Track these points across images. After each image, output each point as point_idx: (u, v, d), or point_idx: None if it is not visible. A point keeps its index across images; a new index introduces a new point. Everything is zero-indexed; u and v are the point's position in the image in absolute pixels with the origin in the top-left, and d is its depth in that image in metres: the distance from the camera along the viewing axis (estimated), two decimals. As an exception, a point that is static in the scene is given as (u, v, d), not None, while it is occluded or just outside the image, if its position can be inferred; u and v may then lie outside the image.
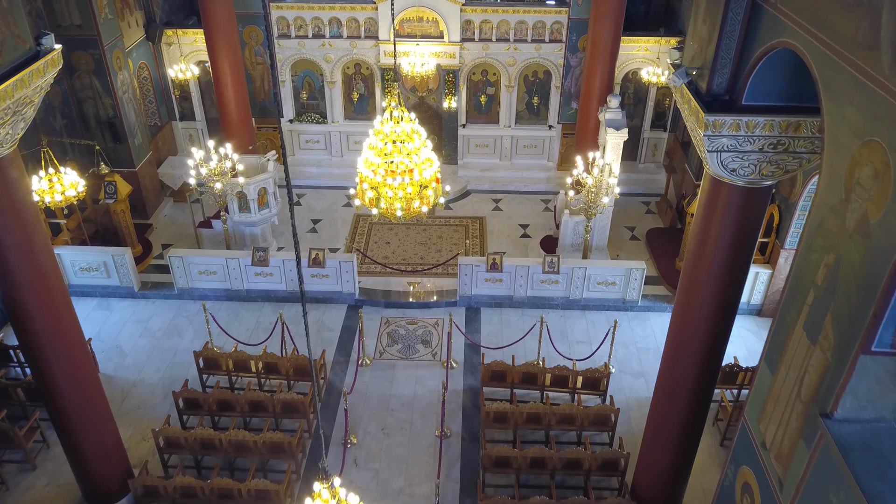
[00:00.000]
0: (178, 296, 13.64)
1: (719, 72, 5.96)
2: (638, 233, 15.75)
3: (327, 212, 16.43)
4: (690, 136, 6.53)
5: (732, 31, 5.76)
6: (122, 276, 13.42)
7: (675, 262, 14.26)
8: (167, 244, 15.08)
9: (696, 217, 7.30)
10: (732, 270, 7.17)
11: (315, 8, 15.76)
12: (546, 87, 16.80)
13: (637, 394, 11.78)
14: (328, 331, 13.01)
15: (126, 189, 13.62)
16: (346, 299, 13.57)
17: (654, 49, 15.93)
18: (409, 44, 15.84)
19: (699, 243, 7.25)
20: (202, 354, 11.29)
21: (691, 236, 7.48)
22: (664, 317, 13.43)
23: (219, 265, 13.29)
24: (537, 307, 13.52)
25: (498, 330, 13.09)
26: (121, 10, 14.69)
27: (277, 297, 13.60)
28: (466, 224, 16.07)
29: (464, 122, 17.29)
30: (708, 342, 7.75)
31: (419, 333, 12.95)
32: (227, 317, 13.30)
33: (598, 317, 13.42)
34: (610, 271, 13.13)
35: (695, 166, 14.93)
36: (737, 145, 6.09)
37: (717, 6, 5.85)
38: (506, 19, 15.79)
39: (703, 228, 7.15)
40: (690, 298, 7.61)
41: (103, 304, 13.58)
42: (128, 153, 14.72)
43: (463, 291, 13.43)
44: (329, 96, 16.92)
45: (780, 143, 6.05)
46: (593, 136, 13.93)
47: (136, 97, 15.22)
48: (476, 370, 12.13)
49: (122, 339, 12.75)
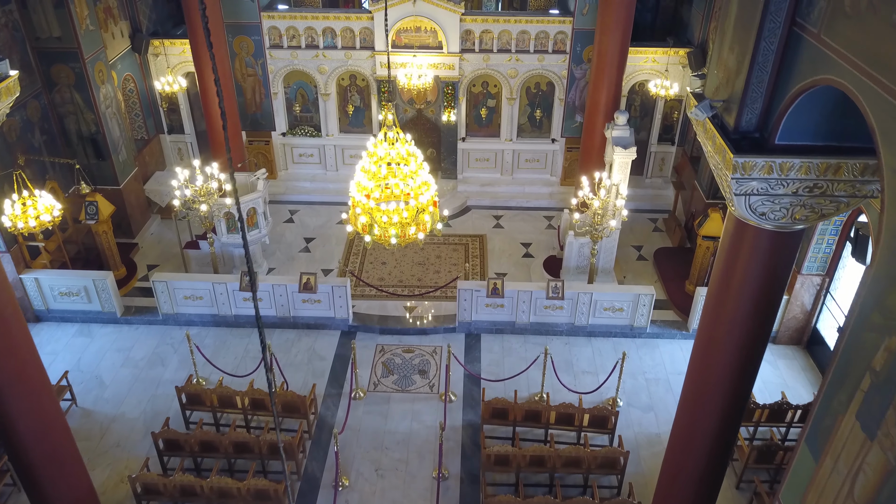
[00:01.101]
0: (162, 321, 12.97)
1: (749, 107, 5.29)
2: (645, 252, 15.07)
3: (321, 229, 15.76)
4: (714, 174, 5.85)
5: (765, 62, 5.09)
6: (103, 301, 12.75)
7: (684, 286, 13.59)
8: (153, 265, 14.42)
9: (719, 259, 6.63)
10: (758, 320, 6.50)
11: (308, 17, 15.09)
12: (549, 99, 16.12)
13: (647, 430, 11.11)
14: (320, 360, 12.33)
15: (108, 209, 12.95)
16: (340, 325, 12.90)
17: (663, 60, 15.26)
18: (407, 55, 15.17)
19: (720, 289, 6.58)
20: (185, 389, 10.62)
21: (712, 279, 6.81)
22: (673, 344, 12.78)
23: (205, 290, 12.62)
24: (541, 333, 12.86)
25: (499, 359, 12.42)
26: (104, 20, 14.03)
27: (267, 322, 12.93)
28: (466, 242, 15.40)
29: (463, 135, 16.62)
30: (731, 392, 7.08)
31: (416, 363, 12.28)
32: (214, 344, 12.63)
33: (604, 344, 12.75)
34: (617, 297, 12.46)
35: (705, 184, 14.25)
36: (768, 188, 5.42)
37: (746, 34, 5.17)
38: (507, 29, 15.12)
39: (726, 273, 6.48)
40: (712, 345, 6.93)
41: (84, 330, 12.91)
42: (112, 170, 14.05)
43: (462, 317, 12.76)
44: (323, 109, 16.25)
45: (816, 186, 5.38)
46: (599, 153, 13.26)
47: (121, 111, 14.56)
48: (476, 403, 11.45)
49: (103, 370, 12.07)
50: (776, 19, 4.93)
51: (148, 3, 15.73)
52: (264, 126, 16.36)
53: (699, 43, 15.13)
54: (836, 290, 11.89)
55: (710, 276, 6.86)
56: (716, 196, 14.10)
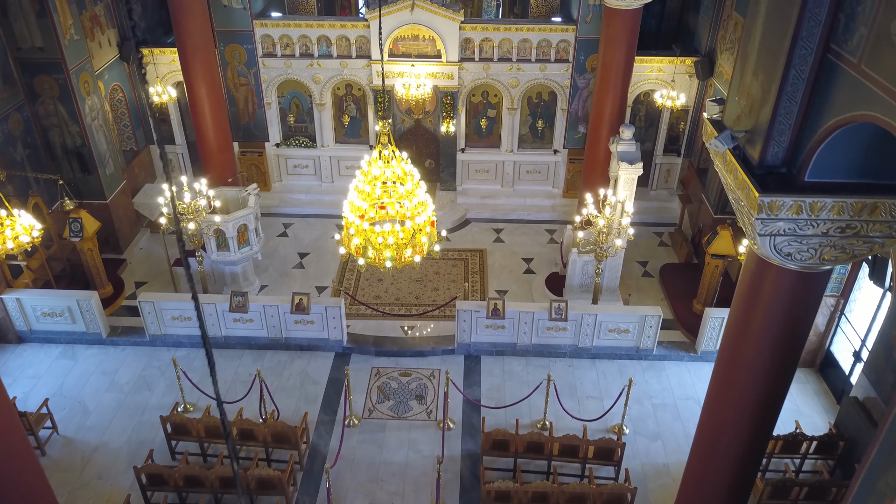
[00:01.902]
0: (149, 343, 12.48)
1: (775, 140, 4.80)
2: (651, 268, 14.57)
3: (316, 243, 15.26)
4: (734, 208, 5.36)
5: (794, 92, 4.59)
6: (88, 321, 12.26)
7: (692, 305, 13.10)
8: (141, 282, 13.92)
9: (737, 298, 6.13)
10: (780, 363, 6.01)
11: (302, 25, 14.60)
12: (551, 109, 15.62)
13: (654, 460, 10.61)
14: (313, 384, 11.83)
15: (93, 226, 12.46)
16: (334, 347, 12.40)
17: (669, 70, 14.76)
18: (404, 64, 14.67)
19: (739, 330, 6.09)
20: (170, 419, 10.12)
21: (730, 317, 6.33)
22: (681, 366, 12.29)
23: (193, 311, 12.11)
24: (543, 355, 12.36)
25: (500, 383, 11.92)
26: (90, 28, 13.54)
27: (258, 344, 12.44)
28: (466, 258, 14.90)
29: (463, 146, 16.13)
30: (750, 434, 6.60)
31: (413, 387, 11.78)
32: (203, 367, 12.12)
33: (609, 367, 12.25)
34: (623, 318, 11.96)
35: (713, 198, 13.75)
36: (796, 229, 4.93)
37: (773, 60, 4.68)
38: (508, 38, 14.62)
39: (745, 313, 5.99)
40: (730, 387, 6.44)
41: (68, 351, 12.42)
42: (98, 184, 13.56)
43: (461, 339, 12.26)
44: (318, 119, 15.75)
45: (849, 226, 4.88)
46: (603, 167, 12.76)
47: (109, 122, 14.07)
48: (476, 431, 10.96)
49: (87, 394, 11.57)
50: (808, 45, 4.44)
51: (137, 11, 15.24)
52: (257, 137, 15.87)
53: (706, 52, 14.64)
54: (851, 311, 11.39)
55: (729, 316, 6.37)
56: (724, 211, 13.61)
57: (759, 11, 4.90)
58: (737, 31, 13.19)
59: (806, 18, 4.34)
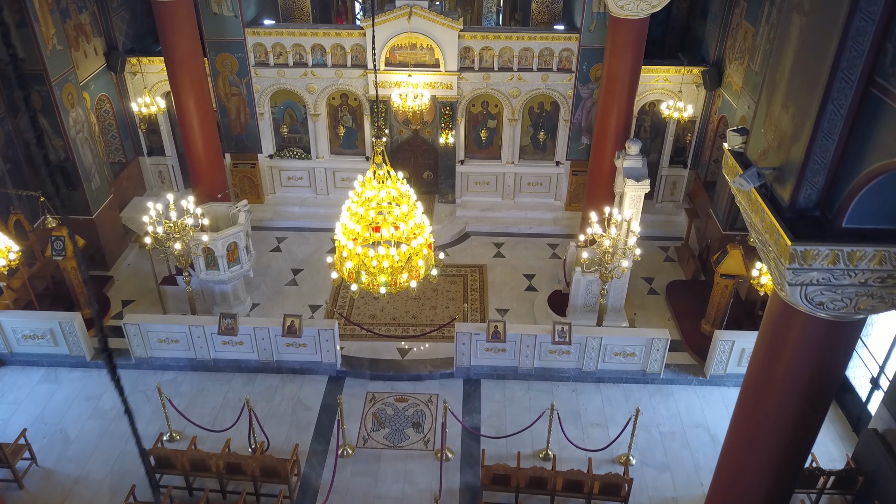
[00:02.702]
0: (135, 365, 11.97)
1: (809, 181, 4.30)
2: (657, 285, 14.06)
3: (310, 258, 14.75)
4: (758, 250, 4.85)
5: (832, 129, 4.09)
6: (71, 344, 11.76)
7: (700, 325, 12.58)
8: (128, 300, 13.41)
9: (761, 341, 5.63)
10: (808, 415, 5.51)
11: (296, 34, 14.09)
12: (553, 120, 15.12)
13: (662, 493, 10.10)
14: (305, 410, 11.33)
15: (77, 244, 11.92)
16: (327, 370, 11.90)
17: (675, 79, 14.26)
18: (401, 73, 14.16)
19: (763, 378, 5.58)
20: (154, 452, 9.61)
21: (752, 363, 5.82)
22: (689, 391, 11.78)
23: (181, 333, 11.63)
24: (546, 379, 11.86)
25: (500, 409, 11.41)
26: (75, 38, 13.05)
27: (248, 367, 11.94)
28: (465, 274, 14.40)
29: (462, 157, 15.62)
30: (774, 483, 6.09)
31: (409, 414, 11.28)
32: (191, 391, 11.64)
33: (614, 392, 11.74)
34: (629, 342, 11.46)
35: (722, 213, 13.25)
36: (831, 279, 4.42)
37: (808, 92, 4.17)
38: (509, 46, 14.11)
39: (769, 360, 5.48)
40: (753, 440, 5.93)
41: (50, 375, 11.91)
42: (83, 199, 13.05)
43: (460, 362, 11.76)
44: (313, 129, 15.24)
45: (891, 276, 4.36)
46: (607, 182, 12.25)
47: (95, 134, 13.57)
48: (475, 462, 10.45)
49: (69, 422, 11.07)
50: (848, 78, 3.93)
51: (125, 18, 14.74)
52: (250, 148, 15.36)
53: (714, 61, 14.14)
54: (868, 336, 10.89)
55: (751, 362, 5.86)
56: (734, 227, 13.11)
57: (789, 35, 4.40)
58: (746, 41, 12.70)
59: (847, 48, 3.83)
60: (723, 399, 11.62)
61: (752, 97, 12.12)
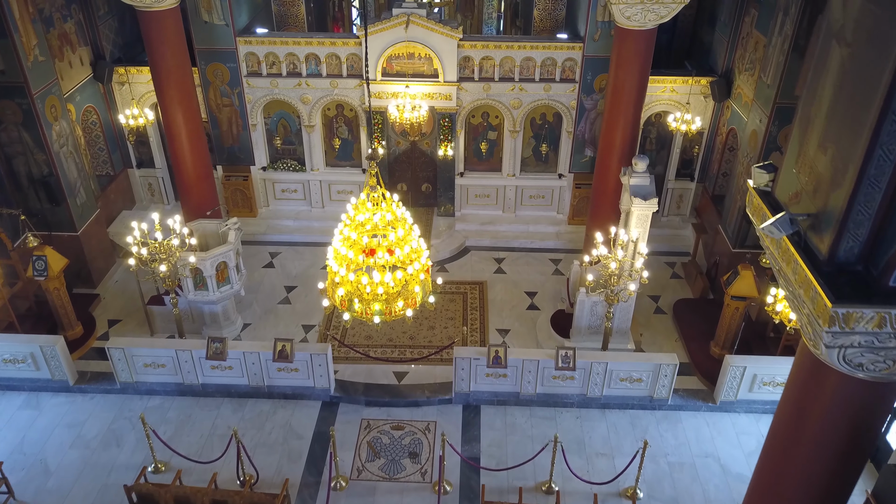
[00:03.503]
0: (120, 390, 11.48)
1: (851, 233, 3.81)
2: (663, 304, 13.56)
3: (304, 274, 14.25)
4: (788, 302, 4.35)
5: (879, 177, 3.60)
6: (53, 368, 11.27)
7: (709, 347, 12.09)
8: (115, 320, 12.92)
9: (789, 397, 5.13)
10: (840, 477, 5.00)
11: (289, 43, 13.59)
12: (556, 131, 14.62)
13: (671, 530, 9.61)
14: (297, 439, 10.83)
15: (60, 263, 11.46)
16: (320, 395, 11.41)
17: (683, 90, 13.76)
18: (398, 84, 13.66)
19: (790, 437, 5.09)
20: (136, 489, 9.11)
21: (778, 419, 5.32)
22: (698, 418, 11.28)
23: (168, 357, 11.13)
24: (549, 405, 11.36)
25: (501, 437, 10.91)
26: (59, 48, 12.57)
27: (238, 392, 11.44)
28: (465, 291, 13.89)
29: (462, 170, 15.13)
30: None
31: (406, 442, 10.77)
32: (179, 418, 11.14)
33: (620, 418, 11.24)
34: (636, 367, 10.96)
35: (731, 230, 12.75)
36: (874, 342, 3.92)
37: (851, 133, 3.67)
38: (510, 56, 13.61)
39: (797, 418, 4.99)
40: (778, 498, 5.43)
41: (31, 400, 11.42)
42: (68, 215, 12.55)
43: (460, 388, 11.26)
44: (307, 141, 14.74)
45: (943, 339, 3.86)
46: (612, 199, 11.73)
47: (80, 147, 13.09)
48: (475, 495, 9.94)
49: (49, 451, 10.57)
50: (901, 119, 3.43)
51: (113, 26, 14.25)
52: (242, 160, 14.87)
53: (723, 71, 13.64)
54: None
55: (776, 417, 5.36)
56: (744, 244, 12.62)
57: (827, 67, 3.90)
58: (757, 51, 12.20)
59: (900, 86, 3.34)
60: (733, 426, 11.12)
61: (764, 111, 11.62)
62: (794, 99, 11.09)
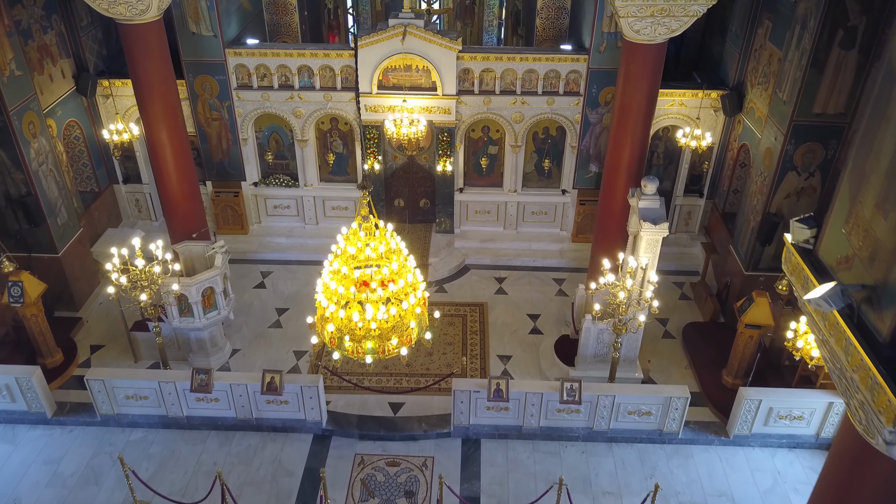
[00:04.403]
0: (101, 423, 10.89)
1: (920, 313, 3.18)
2: (672, 328, 12.96)
3: (297, 295, 13.66)
4: (835, 383, 3.75)
5: (958, 251, 2.98)
6: (29, 399, 10.68)
7: (721, 375, 11.51)
8: (98, 345, 12.32)
9: (829, 476, 4.53)
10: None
11: (281, 55, 12.99)
12: (559, 146, 14.02)
13: (684, 579, 9.02)
14: (287, 476, 10.24)
15: (37, 289, 10.88)
16: (311, 428, 10.82)
17: (693, 104, 13.16)
18: (395, 97, 13.06)
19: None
20: (111, 537, 8.54)
21: (816, 488, 4.72)
22: (710, 453, 10.70)
23: (150, 389, 10.54)
24: (553, 439, 10.78)
25: (503, 474, 10.31)
26: (38, 60, 11.98)
27: (225, 424, 10.85)
28: (464, 314, 13.30)
29: (461, 185, 14.53)
30: None
31: (402, 480, 10.18)
32: (162, 452, 10.55)
33: (628, 453, 10.65)
34: (644, 400, 10.38)
35: (744, 251, 12.15)
36: (944, 437, 3.31)
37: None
38: (512, 68, 13.01)
39: (840, 499, 4.38)
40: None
41: (7, 433, 10.84)
42: (48, 236, 11.95)
43: (459, 421, 10.67)
44: (300, 156, 14.15)
45: None
46: (619, 221, 11.11)
47: (62, 164, 12.50)
48: (474, 540, 9.37)
49: (24, 489, 9.98)
50: None
51: (96, 37, 13.65)
52: (233, 176, 14.28)
53: (735, 84, 13.04)
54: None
55: (815, 492, 4.76)
56: (757, 267, 12.03)
57: (889, 116, 3.30)
58: (771, 65, 11.60)
59: None
60: (747, 462, 10.53)
61: (780, 128, 11.02)
62: (813, 117, 10.51)
